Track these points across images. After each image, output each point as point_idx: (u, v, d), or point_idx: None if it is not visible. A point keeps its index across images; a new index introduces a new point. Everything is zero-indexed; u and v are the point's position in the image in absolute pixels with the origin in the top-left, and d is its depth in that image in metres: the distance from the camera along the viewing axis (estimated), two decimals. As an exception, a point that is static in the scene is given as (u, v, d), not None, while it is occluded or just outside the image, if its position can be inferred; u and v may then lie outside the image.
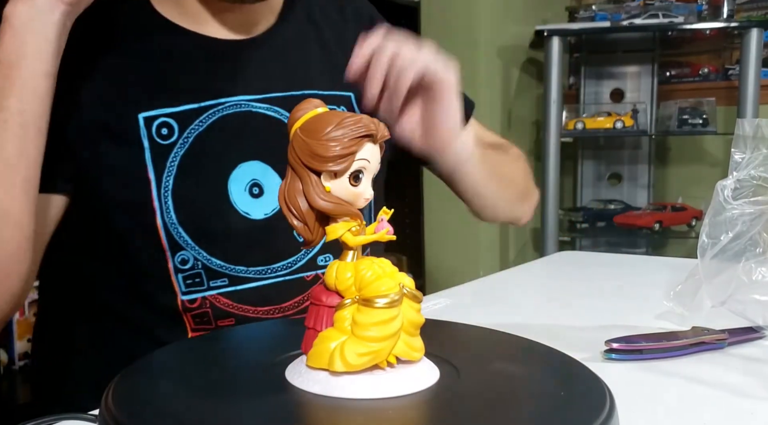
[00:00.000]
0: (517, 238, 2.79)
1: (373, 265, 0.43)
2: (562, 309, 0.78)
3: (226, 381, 0.44)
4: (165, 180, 0.69)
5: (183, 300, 0.71)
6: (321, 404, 0.41)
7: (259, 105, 0.75)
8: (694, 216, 2.56)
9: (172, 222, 0.69)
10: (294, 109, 0.43)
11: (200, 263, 0.71)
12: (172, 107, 0.70)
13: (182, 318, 0.72)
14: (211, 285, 0.71)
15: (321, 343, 0.42)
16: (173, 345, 0.53)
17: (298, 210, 0.43)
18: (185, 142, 0.70)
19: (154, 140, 0.69)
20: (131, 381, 0.44)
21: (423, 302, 0.44)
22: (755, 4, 2.59)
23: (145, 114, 0.69)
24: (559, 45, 2.41)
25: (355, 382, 0.41)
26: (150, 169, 0.69)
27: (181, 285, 0.71)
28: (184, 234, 0.70)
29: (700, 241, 0.67)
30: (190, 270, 0.71)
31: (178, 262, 0.70)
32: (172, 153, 0.70)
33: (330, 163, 0.41)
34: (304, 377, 0.42)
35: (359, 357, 0.41)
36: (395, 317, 0.41)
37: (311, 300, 0.45)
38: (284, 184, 0.43)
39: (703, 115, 2.53)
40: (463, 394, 0.42)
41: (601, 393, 0.42)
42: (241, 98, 0.74)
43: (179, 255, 0.70)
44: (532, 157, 2.82)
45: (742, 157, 0.64)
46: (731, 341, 0.62)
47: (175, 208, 0.69)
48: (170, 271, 0.70)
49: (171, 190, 0.69)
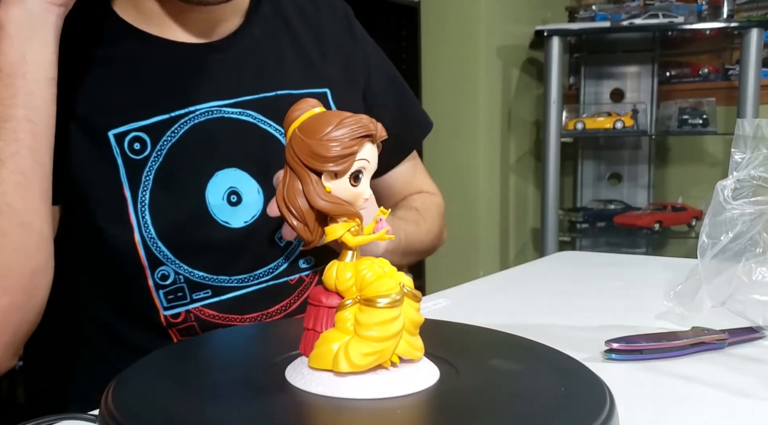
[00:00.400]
0: (517, 238, 2.79)
1: (373, 265, 0.43)
2: (562, 309, 0.78)
3: (226, 382, 0.44)
4: (141, 195, 0.68)
5: (166, 316, 0.70)
6: (321, 404, 0.41)
7: (231, 110, 0.73)
8: (694, 216, 2.56)
9: (151, 237, 0.68)
10: (290, 109, 0.43)
11: (182, 277, 0.70)
12: (142, 121, 0.68)
13: (167, 333, 0.71)
14: (194, 298, 0.70)
15: (323, 344, 0.42)
16: (173, 346, 0.53)
17: (299, 210, 0.42)
18: (159, 154, 0.69)
19: (127, 156, 0.68)
20: (131, 381, 0.44)
21: (423, 302, 0.44)
22: (755, 4, 2.59)
23: (115, 131, 0.68)
24: (559, 45, 2.41)
25: (355, 382, 0.41)
26: (125, 186, 0.67)
27: (163, 301, 0.70)
28: (164, 249, 0.68)
29: (700, 241, 0.67)
30: (172, 285, 0.70)
31: (158, 278, 0.69)
32: (146, 167, 0.68)
33: (331, 163, 0.41)
34: (305, 377, 0.42)
35: (364, 357, 0.41)
36: (397, 316, 0.41)
37: (310, 301, 0.45)
38: (282, 184, 0.43)
39: (703, 115, 2.53)
40: (463, 394, 0.42)
41: (601, 393, 0.42)
42: (212, 105, 0.72)
43: (159, 271, 0.69)
44: (533, 157, 2.82)
45: (742, 157, 0.64)
46: (731, 341, 0.62)
47: (153, 222, 0.68)
48: (150, 288, 0.69)
49: (148, 205, 0.68)
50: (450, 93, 2.49)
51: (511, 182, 2.73)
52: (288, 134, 0.43)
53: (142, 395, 0.42)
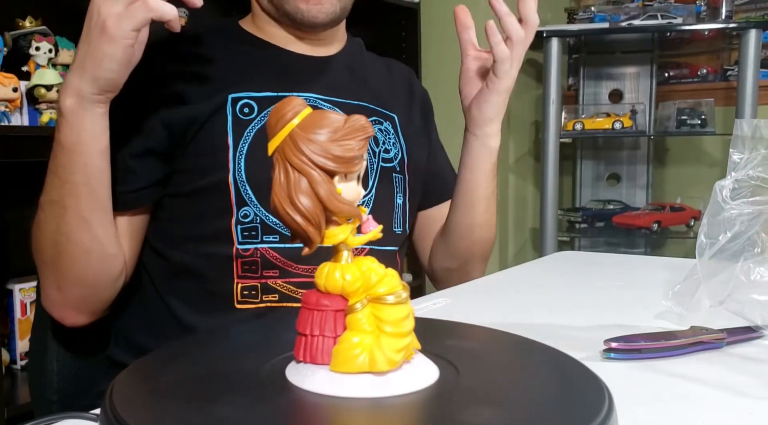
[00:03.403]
0: (517, 238, 2.79)
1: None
2: (561, 309, 0.78)
3: (226, 381, 0.44)
4: (241, 145, 0.83)
5: (238, 248, 0.82)
6: (323, 403, 0.41)
7: (323, 102, 0.90)
8: (692, 216, 2.56)
9: (241, 180, 0.82)
10: (278, 109, 0.42)
11: (259, 218, 0.82)
12: (255, 92, 0.85)
13: (233, 264, 0.82)
14: (264, 239, 0.82)
15: (348, 348, 0.41)
16: (173, 345, 0.53)
17: (311, 212, 0.41)
18: (262, 119, 0.84)
19: (237, 116, 0.84)
20: (132, 380, 0.44)
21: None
22: (754, 5, 2.59)
23: (234, 95, 0.84)
24: (558, 46, 2.42)
25: (355, 382, 0.41)
26: (230, 136, 0.83)
27: (239, 236, 0.82)
28: (250, 192, 0.82)
29: (698, 241, 0.67)
30: (249, 223, 0.82)
31: (240, 216, 0.82)
32: (250, 126, 0.84)
33: (349, 165, 0.40)
34: (305, 377, 0.42)
35: (398, 353, 0.41)
36: (411, 311, 0.43)
37: (309, 306, 0.43)
38: (286, 185, 0.41)
39: (702, 116, 2.53)
40: (462, 393, 0.43)
41: (600, 393, 0.42)
42: (311, 95, 0.89)
43: (242, 210, 0.82)
44: (532, 157, 2.82)
45: (740, 158, 0.64)
46: (729, 340, 0.62)
47: (245, 168, 0.82)
48: (232, 223, 0.82)
49: (245, 154, 0.82)
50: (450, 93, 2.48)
51: (510, 182, 2.73)
52: (282, 132, 0.41)
53: (143, 394, 0.42)
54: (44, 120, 1.53)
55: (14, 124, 1.49)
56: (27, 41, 1.54)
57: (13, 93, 1.47)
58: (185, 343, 0.54)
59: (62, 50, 1.60)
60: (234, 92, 0.85)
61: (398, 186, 0.95)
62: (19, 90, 1.49)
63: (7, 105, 1.46)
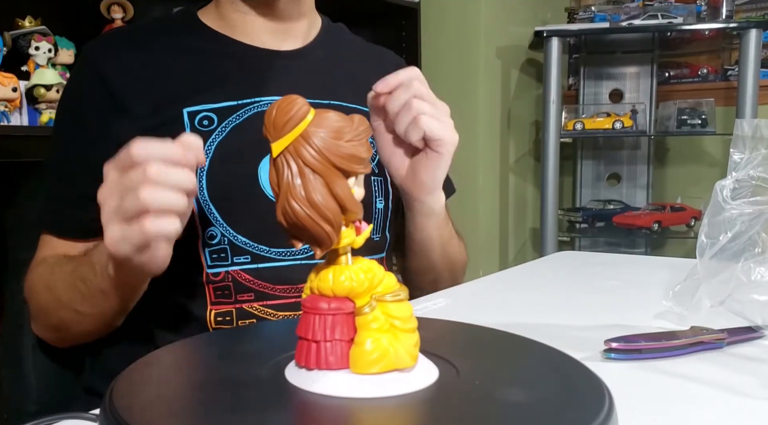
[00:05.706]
0: (517, 238, 2.79)
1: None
2: (561, 309, 0.78)
3: (226, 381, 0.44)
4: None
5: (208, 273, 0.77)
6: (323, 404, 0.41)
7: None
8: (693, 216, 2.56)
9: (204, 199, 0.76)
10: (284, 110, 0.40)
11: (227, 239, 0.77)
12: (213, 103, 0.79)
13: (205, 289, 0.77)
14: (234, 261, 0.77)
15: (369, 350, 0.41)
16: (174, 345, 0.53)
17: (333, 212, 0.40)
18: (223, 130, 0.79)
19: (195, 128, 0.78)
20: (132, 380, 0.44)
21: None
22: (754, 4, 2.59)
23: (189, 109, 0.78)
24: (558, 46, 2.42)
25: (355, 382, 0.41)
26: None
27: (208, 259, 0.77)
28: (214, 211, 0.77)
29: (698, 241, 0.67)
30: (217, 245, 0.77)
31: (207, 237, 0.77)
32: (210, 139, 0.78)
33: (364, 164, 0.40)
34: (305, 377, 0.42)
35: (416, 347, 0.42)
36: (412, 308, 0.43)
37: (316, 312, 0.42)
38: (303, 186, 0.39)
39: (702, 116, 2.53)
40: (462, 393, 0.43)
41: (600, 393, 0.42)
42: (275, 98, 0.75)
43: (209, 231, 0.77)
44: (532, 157, 2.82)
45: (740, 157, 0.64)
46: (730, 341, 0.62)
47: (207, 186, 0.76)
48: (199, 246, 0.77)
49: (206, 171, 0.77)
50: (450, 93, 2.49)
51: (510, 182, 2.73)
52: (293, 133, 0.40)
53: (143, 394, 0.42)
54: (44, 120, 1.53)
55: (14, 123, 1.49)
56: (26, 41, 1.55)
57: (13, 93, 1.47)
58: (185, 344, 0.54)
59: (62, 50, 1.60)
60: (189, 106, 0.79)
61: (377, 189, 0.87)
62: (19, 90, 1.49)
63: (6, 105, 1.47)
